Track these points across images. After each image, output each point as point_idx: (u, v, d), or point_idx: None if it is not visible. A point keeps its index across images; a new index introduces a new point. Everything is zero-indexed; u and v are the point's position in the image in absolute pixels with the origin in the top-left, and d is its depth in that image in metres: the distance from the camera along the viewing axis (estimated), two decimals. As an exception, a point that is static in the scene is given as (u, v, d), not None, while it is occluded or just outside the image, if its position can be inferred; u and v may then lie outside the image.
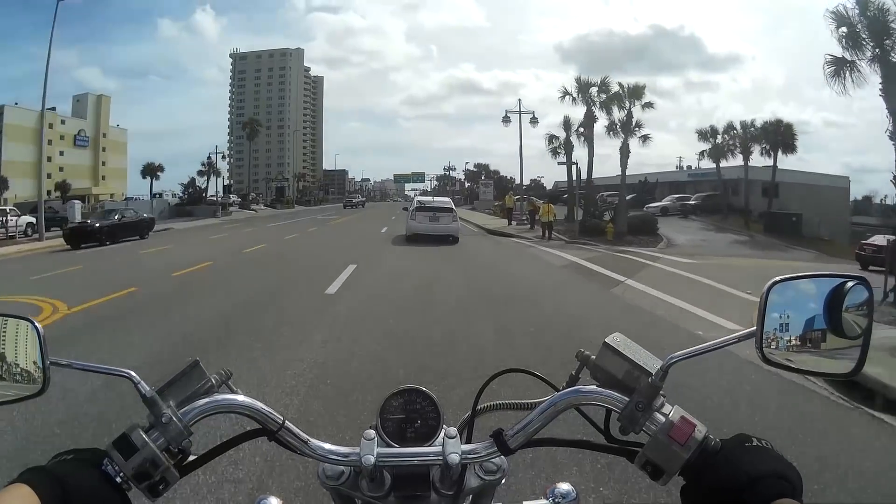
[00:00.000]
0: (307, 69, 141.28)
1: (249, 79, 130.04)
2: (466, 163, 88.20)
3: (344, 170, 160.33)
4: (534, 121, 29.79)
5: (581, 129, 25.39)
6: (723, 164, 32.28)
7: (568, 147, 26.86)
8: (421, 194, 42.80)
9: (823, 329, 0.63)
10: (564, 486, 0.78)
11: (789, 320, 0.63)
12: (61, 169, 54.15)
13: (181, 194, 44.00)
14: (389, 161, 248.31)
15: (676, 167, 51.26)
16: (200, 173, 45.76)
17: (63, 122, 58.73)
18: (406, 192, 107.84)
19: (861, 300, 0.64)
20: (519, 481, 2.41)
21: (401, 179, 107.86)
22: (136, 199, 40.44)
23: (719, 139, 31.57)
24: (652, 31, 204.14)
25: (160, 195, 47.03)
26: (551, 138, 27.85)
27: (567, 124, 26.90)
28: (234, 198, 52.70)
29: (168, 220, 30.71)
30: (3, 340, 0.63)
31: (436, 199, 20.68)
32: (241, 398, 0.66)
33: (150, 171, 48.37)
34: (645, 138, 23.72)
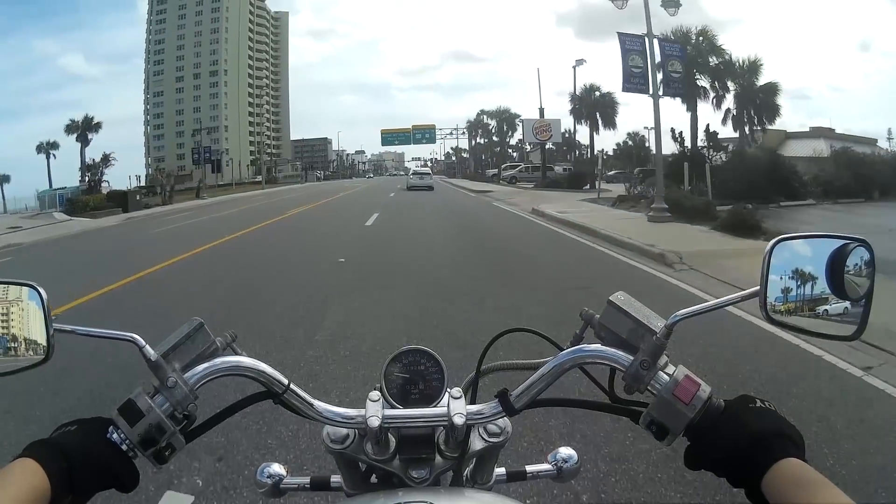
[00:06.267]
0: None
1: (171, 10, 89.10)
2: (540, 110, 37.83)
3: (325, 138, 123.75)
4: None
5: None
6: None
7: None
8: (422, 165, 54.07)
9: (826, 290, 0.62)
10: (566, 451, 0.79)
11: (792, 281, 0.62)
12: None
13: None
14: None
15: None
16: None
17: None
18: (406, 164, 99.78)
19: (863, 262, 0.63)
20: (521, 446, 2.44)
21: (392, 139, 66.37)
22: None
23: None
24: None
25: None
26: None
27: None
28: None
29: None
30: (7, 308, 0.62)
31: (421, 168, 40.56)
32: (246, 360, 0.64)
33: None
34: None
